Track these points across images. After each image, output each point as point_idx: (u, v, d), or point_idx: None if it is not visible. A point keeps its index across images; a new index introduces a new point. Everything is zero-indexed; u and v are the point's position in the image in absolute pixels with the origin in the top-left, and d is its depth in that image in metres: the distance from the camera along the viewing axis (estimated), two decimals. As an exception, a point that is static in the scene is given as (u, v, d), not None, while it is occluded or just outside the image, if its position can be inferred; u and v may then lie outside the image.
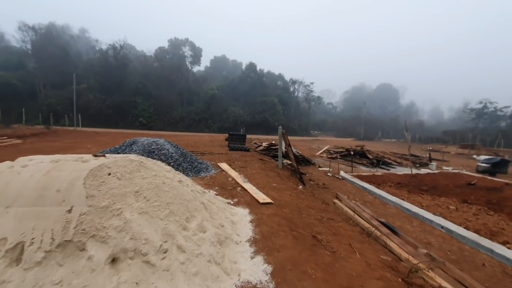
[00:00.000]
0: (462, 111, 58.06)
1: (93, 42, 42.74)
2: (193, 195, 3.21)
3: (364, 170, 12.18)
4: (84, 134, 21.82)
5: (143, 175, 2.91)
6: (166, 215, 2.61)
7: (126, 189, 2.65)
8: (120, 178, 2.73)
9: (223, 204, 4.04)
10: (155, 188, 2.81)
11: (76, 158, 2.99)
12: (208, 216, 3.02)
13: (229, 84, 48.84)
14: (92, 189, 2.49)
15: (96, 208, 2.34)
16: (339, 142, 31.04)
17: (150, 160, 3.58)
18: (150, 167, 3.12)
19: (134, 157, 3.20)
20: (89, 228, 2.20)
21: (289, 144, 8.67)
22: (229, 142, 13.56)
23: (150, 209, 2.57)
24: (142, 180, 2.83)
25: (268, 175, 7.27)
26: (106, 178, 2.68)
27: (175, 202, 2.79)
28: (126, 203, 2.53)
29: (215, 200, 3.96)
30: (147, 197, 2.67)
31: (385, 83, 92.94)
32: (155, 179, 2.94)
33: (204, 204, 3.22)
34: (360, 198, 7.84)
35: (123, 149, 7.38)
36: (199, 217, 2.87)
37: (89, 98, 34.72)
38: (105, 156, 3.10)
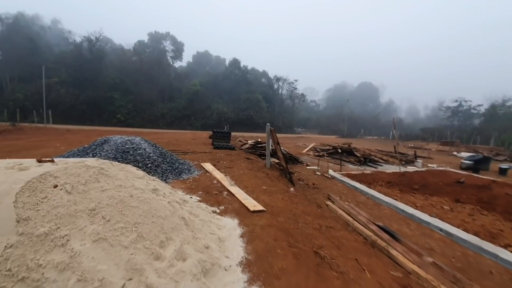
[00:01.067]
0: (438, 109, 60.32)
1: (66, 33, 39.92)
2: (171, 208, 2.57)
3: (352, 168, 11.91)
4: (54, 131, 20.23)
5: (103, 187, 2.23)
6: (133, 240, 1.95)
7: (77, 206, 1.97)
8: (70, 192, 2.04)
9: (208, 215, 3.41)
10: (119, 204, 2.14)
11: (11, 163, 2.26)
12: (189, 235, 2.39)
13: (212, 80, 47.68)
14: (27, 209, 1.79)
15: (31, 237, 1.66)
16: (324, 140, 31.05)
17: (116, 164, 2.89)
18: (114, 174, 2.44)
19: (92, 162, 2.50)
20: (16, 268, 1.52)
21: (278, 142, 8.13)
22: (213, 140, 12.86)
23: (110, 233, 1.91)
24: (101, 194, 2.15)
25: (256, 176, 6.70)
26: (50, 193, 1.98)
27: (145, 222, 2.14)
28: (76, 226, 1.85)
29: (198, 210, 3.32)
30: (107, 216, 2.00)
31: (365, 82, 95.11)
32: (119, 191, 2.27)
33: (185, 220, 2.58)
34: (353, 198, 7.45)
35: (92, 149, 6.54)
36: (178, 239, 2.23)
37: (61, 92, 32.54)
38: (53, 161, 2.38)
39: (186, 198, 3.87)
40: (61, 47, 42.62)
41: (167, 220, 2.33)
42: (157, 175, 5.99)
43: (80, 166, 2.28)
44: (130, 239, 1.94)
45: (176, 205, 2.84)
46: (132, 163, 6.06)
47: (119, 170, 2.82)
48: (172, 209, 2.57)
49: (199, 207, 3.60)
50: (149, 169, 6.04)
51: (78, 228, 1.84)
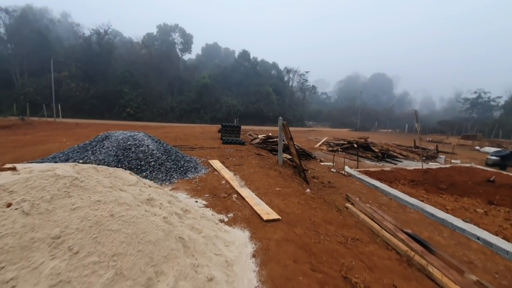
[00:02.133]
0: (455, 101, 57.82)
1: (75, 27, 39.85)
2: (166, 227, 2.03)
3: (370, 164, 11.19)
4: (63, 125, 20.18)
5: (75, 203, 1.71)
6: (108, 281, 1.43)
7: (35, 233, 1.46)
8: (28, 213, 1.53)
9: (214, 227, 2.88)
10: (94, 227, 1.61)
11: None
12: (188, 264, 1.85)
13: (221, 72, 46.97)
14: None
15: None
16: (336, 133, 30.12)
17: (102, 170, 2.38)
18: (92, 186, 1.91)
19: (65, 169, 1.98)
20: None
21: (291, 137, 7.52)
22: (222, 134, 12.34)
23: (76, 273, 1.38)
24: (71, 214, 1.63)
25: (268, 175, 6.13)
26: (1, 214, 1.47)
27: (129, 251, 1.61)
28: (29, 264, 1.34)
29: (202, 222, 2.79)
30: (75, 247, 1.48)
31: (379, 73, 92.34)
32: (96, 208, 1.74)
33: (183, 241, 2.05)
34: (374, 199, 6.81)
35: (93, 146, 6.11)
36: (171, 273, 1.70)
37: (71, 86, 32.61)
38: (15, 169, 1.88)
39: (189, 204, 3.35)
40: (70, 40, 42.71)
41: (159, 245, 1.80)
42: (161, 174, 5.52)
43: (47, 176, 1.76)
44: (105, 280, 1.41)
45: (174, 220, 2.30)
46: (134, 161, 5.61)
47: (103, 177, 2.30)
48: (167, 228, 2.04)
49: (203, 216, 3.06)
50: (152, 168, 5.58)
51: (32, 267, 1.33)
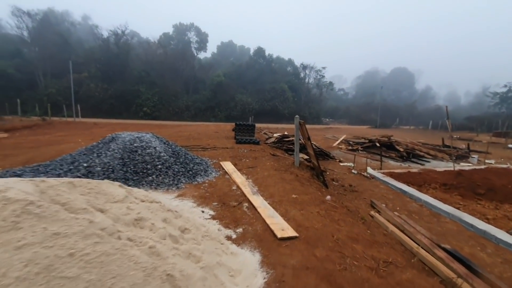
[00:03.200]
0: (484, 95, 54.27)
1: (94, 29, 40.85)
2: (150, 263, 1.57)
3: (394, 165, 10.38)
4: (82, 125, 20.55)
5: (23, 239, 1.28)
6: None
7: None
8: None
9: (217, 251, 2.41)
10: (41, 275, 1.18)
11: None
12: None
13: (236, 70, 46.64)
14: None
15: None
16: (355, 131, 28.97)
17: (80, 185, 1.96)
18: (51, 213, 1.48)
19: (23, 189, 1.57)
20: None
21: (309, 137, 6.95)
22: (236, 133, 11.92)
23: None
24: (13, 255, 1.20)
25: (284, 179, 5.61)
26: None
27: (87, 310, 1.16)
28: None
29: (203, 245, 2.33)
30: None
31: (399, 67, 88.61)
32: (50, 245, 1.31)
33: (172, 280, 1.58)
34: (402, 206, 6.12)
35: (100, 148, 5.84)
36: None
37: (91, 87, 33.44)
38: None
39: (191, 220, 2.89)
40: (90, 42, 43.88)
41: (136, 293, 1.34)
42: (168, 178, 5.14)
43: (-8, 200, 1.35)
44: None
45: (165, 248, 1.85)
46: (140, 164, 5.27)
47: (79, 194, 1.88)
48: (152, 263, 1.58)
49: (206, 235, 2.60)
50: (159, 172, 5.21)
51: None
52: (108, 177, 4.94)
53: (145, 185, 4.89)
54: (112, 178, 4.92)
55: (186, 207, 3.84)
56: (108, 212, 1.94)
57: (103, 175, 4.98)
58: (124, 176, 4.98)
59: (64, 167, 5.43)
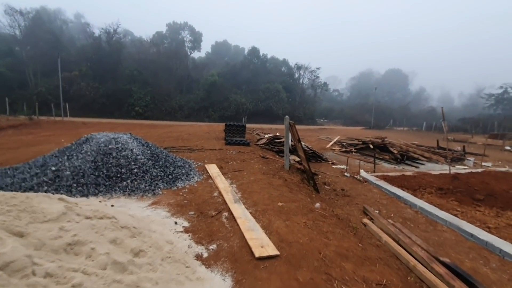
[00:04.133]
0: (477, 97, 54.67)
1: (85, 27, 40.05)
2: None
3: (388, 168, 10.08)
4: (70, 125, 19.91)
5: None
6: None
7: None
8: None
9: (178, 278, 2.01)
10: None
11: None
12: None
13: (230, 70, 46.15)
14: None
15: None
16: (349, 132, 28.75)
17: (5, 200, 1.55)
18: None
19: None
20: None
21: (299, 139, 6.58)
22: (226, 134, 11.51)
23: None
24: None
25: (271, 184, 5.23)
26: None
27: None
28: None
29: (160, 272, 1.93)
30: None
31: (393, 69, 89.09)
32: None
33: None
34: (396, 212, 5.79)
35: (73, 149, 5.39)
36: None
37: (81, 86, 32.64)
38: None
39: (153, 238, 2.49)
40: (82, 41, 43.04)
41: None
42: (144, 183, 4.72)
43: None
44: None
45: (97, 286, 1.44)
46: (114, 168, 4.83)
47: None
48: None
49: (169, 256, 2.20)
50: (134, 176, 4.79)
51: None
52: (78, 182, 4.51)
53: (118, 191, 4.47)
54: (82, 184, 4.50)
55: (157, 218, 3.44)
56: (30, 237, 1.53)
57: (72, 180, 4.54)
58: (95, 181, 4.55)
59: (32, 171, 4.98)
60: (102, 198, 4.26)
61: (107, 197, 4.31)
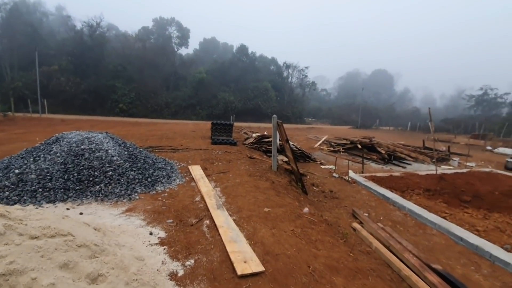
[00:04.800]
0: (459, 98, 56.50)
1: (66, 19, 38.37)
2: None
3: (376, 168, 10.04)
4: (47, 122, 18.93)
5: None
6: None
7: None
8: None
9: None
10: None
11: None
12: None
13: (218, 68, 45.50)
14: None
15: None
16: (337, 131, 28.91)
17: None
18: None
19: None
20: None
21: (287, 139, 6.34)
22: (212, 133, 11.15)
23: None
24: None
25: (257, 187, 4.96)
26: None
27: None
28: None
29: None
30: None
31: (380, 69, 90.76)
32: None
33: None
34: (385, 215, 5.66)
35: (40, 150, 4.93)
36: None
37: (61, 81, 31.25)
38: None
39: (119, 256, 2.16)
40: (63, 34, 41.23)
41: None
42: (119, 187, 4.34)
43: None
44: None
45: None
46: (86, 170, 4.43)
47: None
48: None
49: (136, 278, 1.89)
50: (108, 179, 4.40)
51: None
52: (44, 186, 4.09)
53: (90, 196, 4.08)
54: (49, 188, 4.08)
55: (130, 227, 3.10)
56: None
57: (38, 184, 4.12)
58: (64, 186, 4.14)
59: (-7, 174, 4.49)
60: (71, 205, 3.87)
61: (77, 203, 3.92)
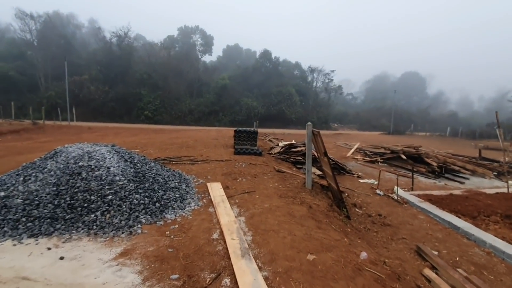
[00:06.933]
0: (506, 100, 51.37)
1: (96, 30, 40.10)
2: None
3: (427, 183, 8.50)
4: (75, 130, 19.18)
5: None
6: None
7: None
8: None
9: None
10: None
11: None
12: None
13: (241, 73, 45.16)
14: None
15: None
16: (367, 137, 26.96)
17: None
18: None
19: None
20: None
21: (325, 151, 5.18)
22: (235, 142, 10.22)
23: None
24: None
25: (292, 215, 3.87)
26: None
27: None
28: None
29: None
30: None
31: (410, 71, 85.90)
32: None
33: None
34: (461, 253, 4.29)
35: (35, 167, 4.20)
36: None
37: (91, 89, 32.34)
38: None
39: None
40: (94, 45, 43.16)
41: None
42: (119, 216, 3.46)
43: None
44: None
45: None
46: (80, 194, 3.60)
47: None
48: None
49: None
50: (107, 205, 3.53)
51: None
52: (29, 214, 3.30)
53: (82, 229, 3.22)
54: (34, 217, 3.29)
55: (117, 290, 2.13)
56: None
57: (22, 211, 3.34)
58: (53, 214, 3.33)
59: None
60: (57, 241, 3.02)
61: (64, 239, 3.06)
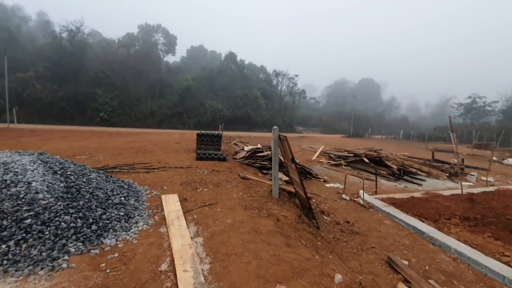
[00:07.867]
0: (449, 106, 57.02)
1: (44, 24, 36.23)
2: None
3: (388, 186, 8.66)
4: (14, 133, 16.76)
5: None
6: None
7: None
8: None
9: None
10: None
11: None
12: None
13: (206, 75, 44.06)
14: None
15: None
16: (330, 140, 27.77)
17: None
18: None
19: None
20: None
21: (293, 157, 4.84)
22: (198, 146, 9.53)
23: None
24: None
25: (259, 232, 3.42)
26: None
27: None
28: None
29: None
30: None
31: (367, 78, 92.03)
32: None
33: None
34: (430, 261, 4.20)
35: None
36: None
37: (37, 88, 28.91)
38: None
39: None
40: (41, 39, 38.96)
41: None
42: (40, 244, 2.70)
43: None
44: None
45: None
46: (-15, 218, 2.76)
47: None
48: None
49: None
50: (24, 232, 2.75)
51: None
52: None
53: (-19, 267, 2.42)
54: None
55: None
56: None
57: None
58: None
59: None
60: None
61: (-49, 284, 2.25)
